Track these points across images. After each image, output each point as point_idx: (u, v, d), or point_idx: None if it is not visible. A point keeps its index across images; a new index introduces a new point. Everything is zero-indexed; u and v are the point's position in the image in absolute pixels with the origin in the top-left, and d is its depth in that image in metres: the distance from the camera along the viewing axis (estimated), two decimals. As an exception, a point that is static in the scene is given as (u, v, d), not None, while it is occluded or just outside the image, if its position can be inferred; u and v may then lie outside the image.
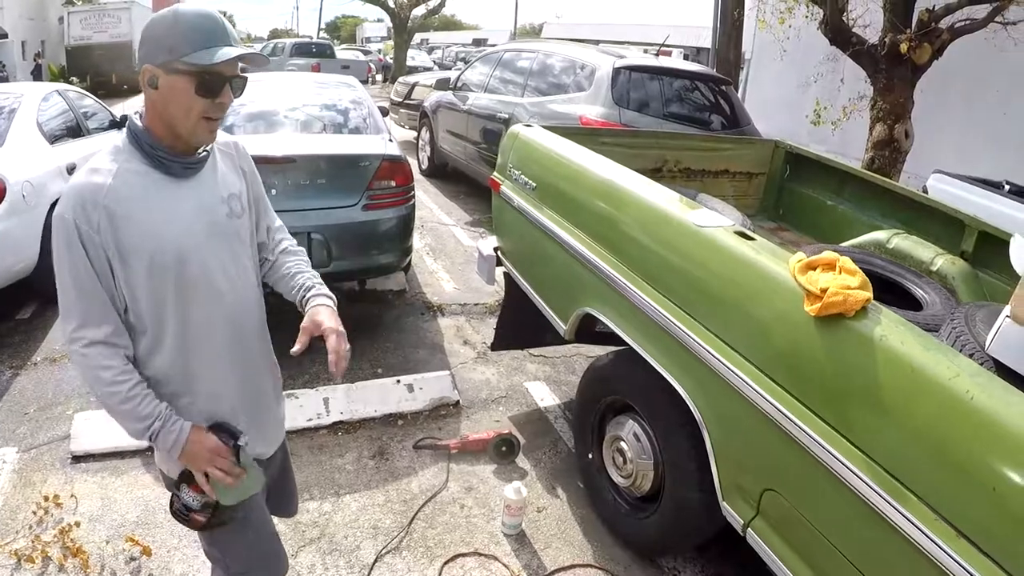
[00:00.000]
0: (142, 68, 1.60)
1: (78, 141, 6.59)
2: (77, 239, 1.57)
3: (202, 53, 1.57)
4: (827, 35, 8.13)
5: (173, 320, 1.70)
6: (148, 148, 1.64)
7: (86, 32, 26.65)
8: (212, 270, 1.75)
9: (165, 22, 1.59)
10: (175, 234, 1.66)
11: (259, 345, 1.96)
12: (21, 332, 5.14)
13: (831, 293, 2.04)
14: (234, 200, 1.83)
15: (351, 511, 3.35)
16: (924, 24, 7.35)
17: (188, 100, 1.60)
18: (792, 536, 2.25)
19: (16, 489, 3.43)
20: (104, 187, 1.59)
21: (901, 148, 7.99)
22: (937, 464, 1.76)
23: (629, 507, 3.21)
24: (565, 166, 3.44)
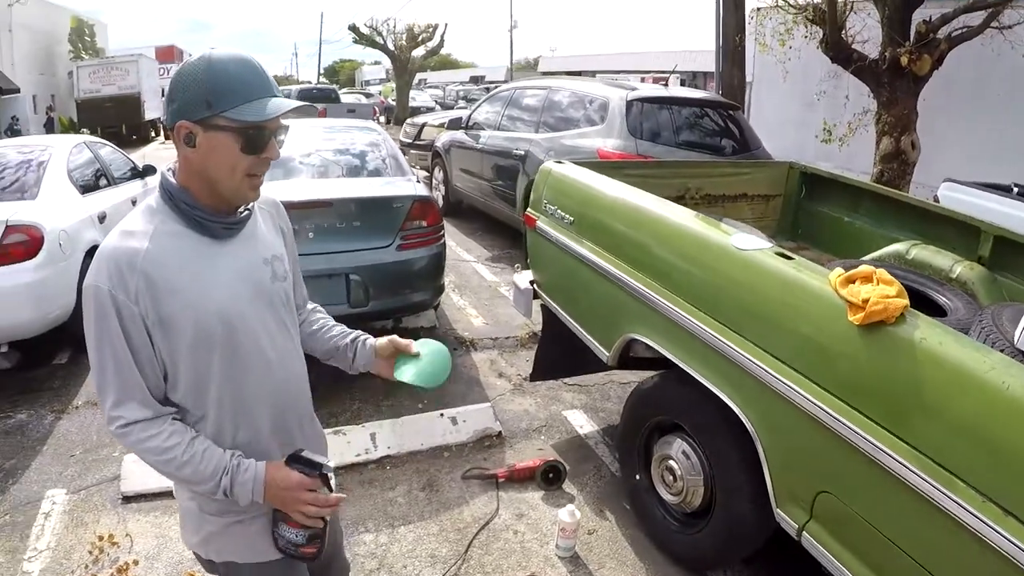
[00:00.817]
0: (175, 125, 1.46)
1: (107, 190, 6.82)
2: (113, 310, 1.44)
3: (246, 108, 1.45)
4: (828, 54, 8.31)
5: (218, 393, 1.58)
6: (186, 208, 1.52)
7: (95, 85, 27.40)
8: (259, 338, 1.62)
9: (198, 73, 1.45)
10: (219, 301, 1.54)
11: (306, 413, 1.83)
12: (60, 377, 5.26)
13: (873, 303, 2.19)
14: (277, 262, 1.70)
15: (407, 542, 3.44)
16: (922, 36, 7.52)
17: (232, 158, 1.49)
18: (847, 534, 2.37)
19: (68, 530, 3.50)
20: (140, 252, 1.46)
21: (908, 159, 8.12)
22: (980, 450, 1.90)
23: (679, 524, 3.31)
24: (602, 199, 3.58)
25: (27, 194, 5.61)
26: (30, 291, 4.96)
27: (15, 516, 3.62)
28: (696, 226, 3.02)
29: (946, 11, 7.64)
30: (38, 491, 3.81)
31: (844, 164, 9.54)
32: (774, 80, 11.86)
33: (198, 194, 1.53)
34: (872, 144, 8.73)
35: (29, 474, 3.99)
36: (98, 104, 26.69)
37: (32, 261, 4.98)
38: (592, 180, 3.77)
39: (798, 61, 10.41)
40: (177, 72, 1.49)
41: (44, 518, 3.59)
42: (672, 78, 32.18)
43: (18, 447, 4.27)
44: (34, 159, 6.06)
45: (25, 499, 3.75)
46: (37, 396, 4.94)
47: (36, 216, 5.18)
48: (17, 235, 4.96)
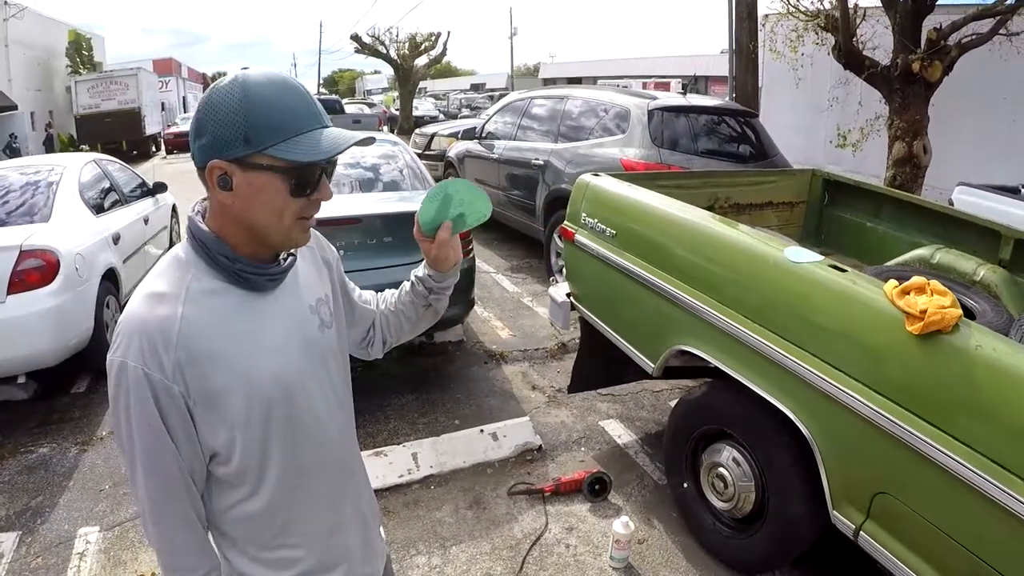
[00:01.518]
0: (207, 165, 1.25)
1: (119, 210, 6.72)
2: (148, 393, 1.22)
3: (295, 144, 1.23)
4: (840, 60, 8.39)
5: (275, 465, 1.38)
6: (225, 262, 1.30)
7: (94, 100, 27.40)
8: (314, 398, 1.44)
9: (232, 102, 1.21)
10: (271, 365, 1.34)
11: (359, 467, 1.65)
12: (80, 406, 5.15)
13: (931, 313, 2.29)
14: (323, 307, 1.51)
15: (461, 562, 3.47)
16: (933, 43, 7.62)
17: (279, 203, 1.27)
18: (905, 532, 2.46)
19: (106, 569, 3.41)
20: (175, 319, 1.24)
21: (921, 164, 8.21)
22: None
23: (731, 529, 3.38)
24: (648, 213, 3.65)
25: (38, 216, 5.44)
26: (48, 318, 4.81)
27: (47, 558, 3.52)
28: (749, 240, 3.09)
29: (955, 19, 7.74)
30: (69, 530, 3.71)
31: (855, 168, 9.62)
32: (785, 86, 11.96)
33: (236, 243, 1.31)
34: (882, 149, 8.83)
35: (58, 512, 3.88)
36: (98, 119, 26.77)
37: (49, 287, 4.85)
38: (633, 193, 3.83)
39: (809, 67, 10.51)
40: (206, 100, 1.24)
41: (79, 559, 3.49)
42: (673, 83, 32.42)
43: (44, 483, 4.16)
44: (44, 179, 5.91)
45: (56, 539, 3.65)
46: (59, 428, 4.83)
47: (51, 240, 5.04)
48: (32, 260, 4.83)
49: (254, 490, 1.38)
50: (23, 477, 4.23)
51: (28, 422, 4.92)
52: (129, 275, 6.40)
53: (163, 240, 8.30)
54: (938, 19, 7.96)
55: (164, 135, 30.53)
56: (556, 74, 59.20)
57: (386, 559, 1.75)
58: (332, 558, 1.51)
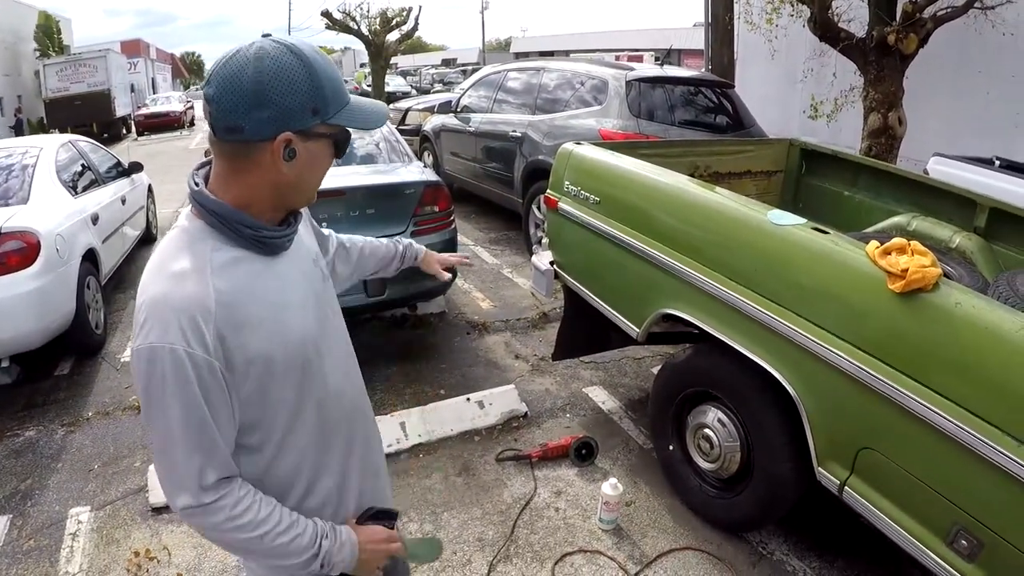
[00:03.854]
0: (275, 137, 1.23)
1: (97, 191, 6.67)
2: (192, 373, 1.20)
3: (351, 113, 1.30)
4: (815, 32, 8.42)
5: (305, 423, 1.41)
6: (247, 231, 1.29)
7: (63, 83, 26.99)
8: (333, 350, 1.50)
9: (298, 73, 1.22)
10: (300, 323, 1.37)
11: (371, 415, 1.69)
12: (64, 388, 5.14)
13: (912, 272, 2.36)
14: (320, 260, 1.57)
15: (453, 528, 3.52)
16: (909, 15, 7.66)
17: (326, 166, 1.35)
18: (888, 486, 2.54)
19: (100, 548, 3.41)
20: (209, 294, 1.22)
21: (896, 135, 8.28)
22: (1013, 400, 2.10)
23: (717, 489, 3.46)
24: (631, 180, 3.68)
25: (16, 199, 5.39)
26: (30, 301, 4.78)
27: (40, 540, 3.51)
28: (732, 203, 3.13)
29: (932, -10, 7.78)
30: (60, 511, 3.71)
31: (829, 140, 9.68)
32: (759, 58, 11.98)
33: (259, 210, 1.31)
34: (856, 120, 8.89)
35: (48, 494, 3.87)
36: (67, 103, 26.37)
37: (30, 269, 4.81)
38: (617, 161, 3.87)
39: (784, 39, 10.54)
40: (265, 71, 1.20)
41: (72, 539, 3.49)
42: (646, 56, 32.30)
43: (32, 466, 4.14)
44: (20, 162, 5.85)
45: (48, 520, 3.64)
46: (44, 411, 4.81)
47: (31, 221, 5.01)
48: (12, 242, 4.79)
49: (281, 449, 1.39)
50: (11, 461, 4.22)
51: (12, 406, 4.90)
52: (108, 255, 6.37)
53: (140, 220, 8.25)
54: (915, -9, 8.01)
55: (135, 116, 30.15)
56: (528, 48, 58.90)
57: None
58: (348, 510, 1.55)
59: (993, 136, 9.11)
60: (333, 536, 1.41)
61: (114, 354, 5.67)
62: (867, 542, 3.27)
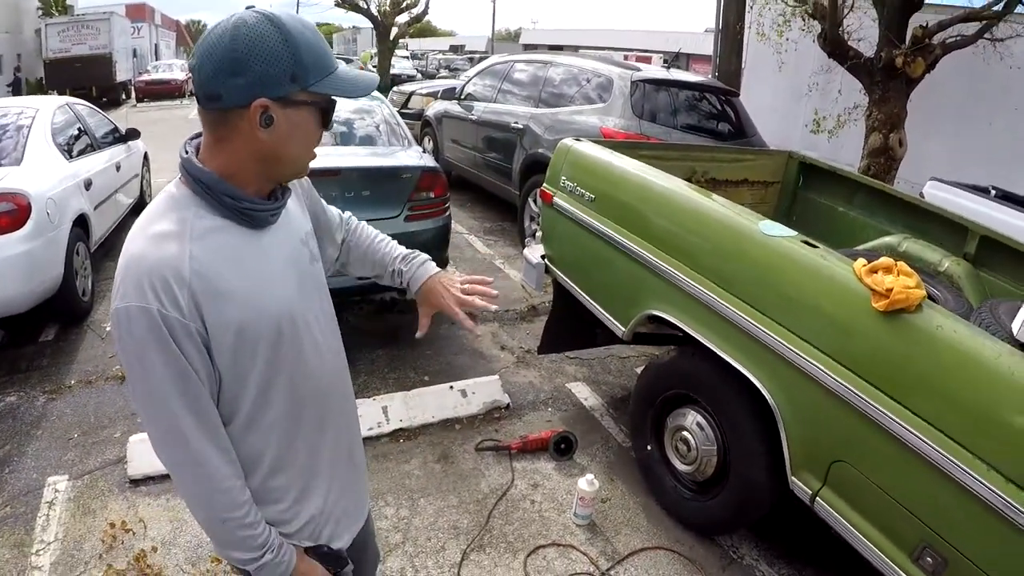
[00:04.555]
0: (249, 103, 1.23)
1: (92, 156, 6.61)
2: (167, 334, 1.21)
3: (334, 81, 1.29)
4: (825, 48, 8.48)
5: (276, 399, 1.41)
6: (230, 201, 1.31)
7: (65, 44, 26.64)
8: (313, 329, 1.49)
9: (275, 40, 1.22)
10: (275, 297, 1.37)
11: (350, 399, 1.71)
12: (48, 355, 5.10)
13: (896, 292, 2.39)
14: (310, 240, 1.56)
15: (428, 514, 3.54)
16: (918, 40, 7.73)
17: (311, 135, 1.33)
18: (859, 499, 2.59)
19: (76, 518, 3.41)
20: (184, 257, 1.24)
21: (895, 156, 8.35)
22: (986, 425, 2.15)
23: (691, 492, 3.50)
24: (628, 180, 3.70)
25: (9, 159, 5.32)
26: (18, 264, 4.72)
27: (16, 507, 3.49)
28: (726, 211, 3.16)
29: (943, 18, 7.85)
30: (38, 479, 3.70)
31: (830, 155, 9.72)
32: (767, 69, 12.02)
33: (244, 180, 1.32)
34: (858, 138, 8.95)
35: (26, 461, 3.86)
36: (67, 64, 26.02)
37: (20, 232, 4.76)
38: (615, 160, 3.88)
39: (793, 52, 10.58)
40: (240, 39, 1.21)
41: (48, 507, 3.48)
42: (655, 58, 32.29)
43: (11, 432, 4.11)
44: (16, 122, 5.78)
45: (25, 488, 3.63)
46: (26, 377, 4.78)
47: (22, 183, 4.95)
48: (3, 204, 4.75)
49: (253, 422, 1.40)
50: (-10, 426, 4.20)
51: (-6, 371, 4.87)
52: (99, 222, 6.34)
53: (134, 188, 8.21)
54: (925, 17, 8.06)
55: (135, 82, 29.88)
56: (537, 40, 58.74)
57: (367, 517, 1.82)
58: (317, 493, 1.55)
59: (993, 165, 9.20)
60: (277, 553, 1.42)
61: (99, 322, 5.66)
62: (837, 553, 3.30)
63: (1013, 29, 8.21)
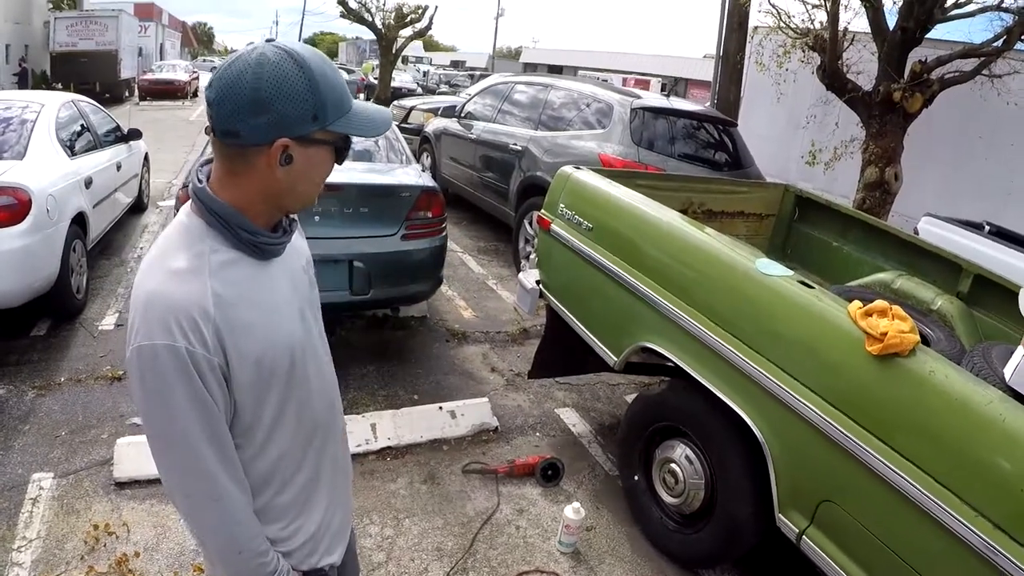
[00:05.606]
0: (272, 142, 1.23)
1: (94, 154, 6.62)
2: (193, 370, 1.21)
3: (352, 120, 1.30)
4: (824, 81, 8.54)
5: (286, 424, 1.43)
6: (245, 235, 1.31)
7: (72, 39, 26.67)
8: (318, 355, 1.53)
9: (298, 80, 1.22)
10: (285, 328, 1.39)
11: (341, 413, 1.72)
12: (39, 350, 5.07)
13: (890, 336, 2.41)
14: (309, 267, 1.59)
15: (413, 535, 3.52)
16: (916, 75, 7.79)
17: (325, 172, 1.34)
18: (845, 540, 2.59)
19: (59, 517, 3.38)
20: (207, 293, 1.25)
21: (891, 190, 8.39)
22: (975, 471, 2.16)
23: (677, 524, 3.49)
24: (626, 211, 3.72)
25: (12, 153, 5.32)
26: (15, 258, 4.70)
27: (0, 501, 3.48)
28: (722, 248, 3.18)
29: (941, 54, 7.91)
30: (23, 474, 3.66)
31: (825, 187, 9.83)
32: (765, 99, 12.09)
33: (255, 213, 1.32)
34: (853, 170, 9.01)
35: (12, 455, 3.81)
36: (73, 59, 26.02)
37: (19, 226, 4.74)
38: (613, 189, 3.90)
39: (792, 84, 10.66)
40: (264, 78, 1.20)
41: (32, 504, 3.46)
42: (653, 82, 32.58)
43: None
44: (21, 116, 5.79)
45: (9, 483, 3.60)
46: (16, 371, 4.73)
47: (24, 178, 4.94)
48: (4, 197, 4.73)
49: (263, 449, 1.40)
50: (-23, 418, 4.17)
51: (-17, 363, 4.84)
52: (97, 220, 6.34)
53: (133, 188, 8.22)
54: (924, 52, 8.13)
55: (139, 81, 29.91)
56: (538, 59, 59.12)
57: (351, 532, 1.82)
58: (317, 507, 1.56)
59: (987, 201, 9.26)
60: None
61: (92, 320, 5.64)
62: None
63: (1011, 66, 8.28)
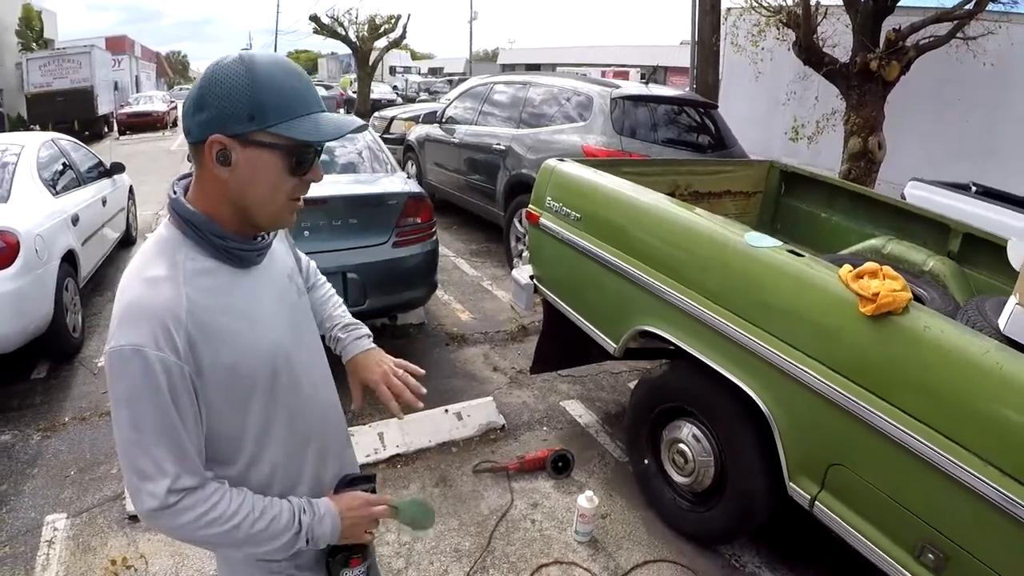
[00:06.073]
0: (206, 139, 1.25)
1: (78, 191, 6.58)
2: (163, 378, 1.22)
3: (298, 124, 1.27)
4: (800, 56, 8.59)
5: (276, 435, 1.42)
6: (216, 240, 1.32)
7: (46, 78, 26.34)
8: (307, 365, 1.51)
9: (237, 78, 1.23)
10: (271, 337, 1.39)
11: (344, 428, 1.73)
12: (40, 392, 5.03)
13: (883, 296, 2.44)
14: (295, 276, 1.59)
15: (430, 538, 3.51)
16: (892, 43, 7.84)
17: (275, 179, 1.30)
18: (856, 502, 2.62)
19: (76, 556, 3.37)
20: (180, 300, 1.25)
21: (875, 159, 8.45)
22: (978, 420, 2.19)
23: (690, 503, 3.52)
24: (614, 198, 3.74)
25: None
26: (8, 302, 4.69)
27: (15, 547, 3.45)
28: (711, 224, 3.20)
29: (915, 20, 7.97)
30: (36, 517, 3.65)
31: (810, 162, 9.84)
32: (744, 79, 12.14)
33: (224, 221, 1.32)
34: (836, 143, 9.06)
35: (23, 500, 3.80)
36: (49, 99, 25.65)
37: (9, 270, 4.72)
38: (599, 178, 3.93)
39: (769, 62, 10.71)
40: (209, 76, 1.25)
41: (47, 546, 3.44)
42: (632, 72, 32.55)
43: (7, 471, 4.05)
44: (1, 159, 5.75)
45: (23, 527, 3.58)
46: (20, 415, 4.71)
47: (10, 220, 4.92)
48: None
49: (255, 461, 1.40)
50: (-14, 466, 4.16)
51: (-13, 410, 4.82)
52: (87, 257, 6.32)
53: (120, 222, 8.20)
54: (898, 20, 8.18)
55: (117, 115, 29.78)
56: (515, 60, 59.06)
57: None
58: None
59: (969, 162, 9.31)
60: (311, 510, 1.41)
61: (91, 358, 5.62)
62: (838, 555, 3.32)
63: (985, 27, 8.34)
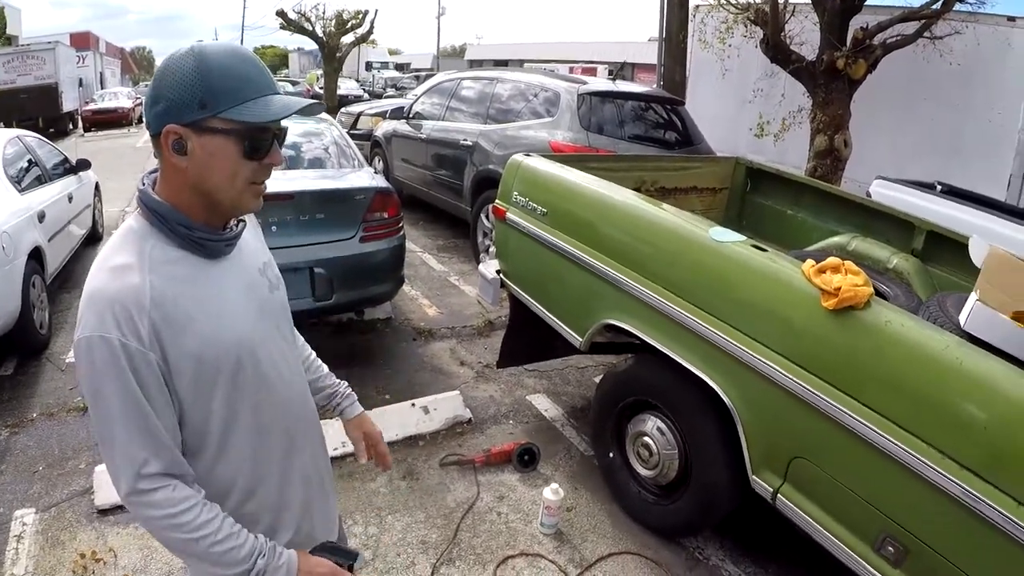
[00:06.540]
0: (162, 130, 1.27)
1: (44, 188, 6.53)
2: (126, 364, 1.22)
3: (248, 107, 1.28)
4: (767, 53, 8.67)
5: (241, 427, 1.42)
6: (182, 230, 1.33)
7: (9, 76, 25.82)
8: (275, 359, 1.49)
9: (187, 68, 1.25)
10: (236, 329, 1.38)
11: (317, 421, 1.70)
12: (8, 389, 4.98)
13: (844, 290, 2.47)
14: (268, 270, 1.57)
15: (397, 530, 3.54)
16: (859, 41, 7.93)
17: (232, 165, 1.31)
18: (819, 494, 2.65)
19: (45, 551, 3.35)
20: (145, 288, 1.25)
21: (841, 156, 8.55)
22: (937, 414, 2.23)
23: (655, 496, 3.54)
24: (578, 192, 3.75)
25: None
26: None
27: None
28: (676, 219, 3.22)
29: (882, 19, 8.07)
30: (4, 513, 3.62)
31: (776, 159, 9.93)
32: (711, 76, 12.21)
33: (190, 210, 1.33)
34: (803, 140, 9.15)
35: None
36: (12, 96, 25.15)
37: None
38: (565, 173, 3.93)
39: (736, 59, 10.78)
40: (161, 69, 1.28)
41: (16, 541, 3.42)
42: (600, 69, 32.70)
43: None
44: None
45: (-9, 523, 3.56)
46: None
47: None
48: None
49: (221, 452, 1.40)
50: (-46, 463, 4.09)
51: (-47, 407, 4.76)
52: (54, 254, 6.26)
53: (87, 219, 8.11)
54: (865, 19, 8.27)
55: (82, 112, 29.34)
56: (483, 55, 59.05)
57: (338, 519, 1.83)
58: (289, 516, 1.55)
59: (935, 161, 9.42)
60: (272, 556, 1.39)
61: (58, 354, 5.54)
62: (800, 548, 3.36)
63: (951, 27, 8.46)
